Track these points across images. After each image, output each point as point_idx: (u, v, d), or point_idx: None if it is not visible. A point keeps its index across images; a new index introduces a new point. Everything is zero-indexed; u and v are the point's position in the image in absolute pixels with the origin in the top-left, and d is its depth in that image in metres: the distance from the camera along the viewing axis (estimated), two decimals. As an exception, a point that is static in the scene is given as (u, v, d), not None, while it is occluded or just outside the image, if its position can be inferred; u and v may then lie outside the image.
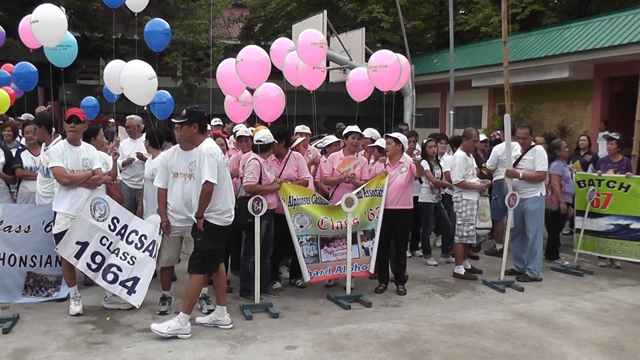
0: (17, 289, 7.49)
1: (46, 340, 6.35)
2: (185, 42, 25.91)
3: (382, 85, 8.87)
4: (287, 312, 7.38)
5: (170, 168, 6.94)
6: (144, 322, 6.90)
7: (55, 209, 7.07)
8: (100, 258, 7.04)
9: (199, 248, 6.55)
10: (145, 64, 8.14)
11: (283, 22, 26.46)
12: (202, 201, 6.37)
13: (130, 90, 8.02)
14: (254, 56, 8.65)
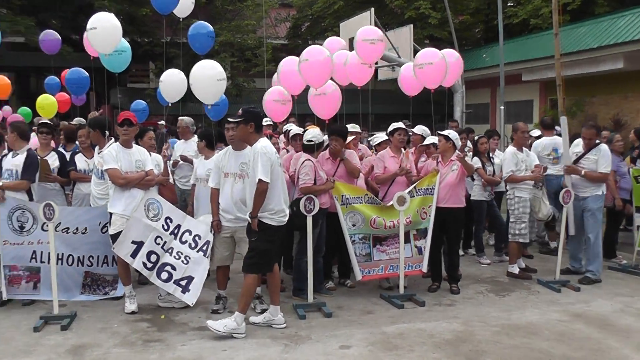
0: (76, 287, 7.68)
1: (103, 337, 6.47)
2: (233, 43, 26.05)
3: (428, 82, 8.79)
4: (341, 311, 7.36)
5: (222, 168, 7.02)
6: (198, 320, 6.97)
7: (111, 210, 7.20)
8: (155, 257, 7.16)
9: (254, 248, 6.57)
10: (216, 64, 8.23)
11: (330, 21, 26.40)
12: (256, 200, 6.38)
13: (198, 88, 8.11)
14: (317, 56, 8.61)
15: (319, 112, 8.94)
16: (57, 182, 8.33)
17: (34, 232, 7.44)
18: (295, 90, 9.21)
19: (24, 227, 7.41)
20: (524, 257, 9.60)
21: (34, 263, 7.50)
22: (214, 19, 27.60)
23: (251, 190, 6.48)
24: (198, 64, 8.40)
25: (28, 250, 7.46)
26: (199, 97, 8.25)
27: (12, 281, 7.47)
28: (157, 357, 5.96)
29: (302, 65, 8.59)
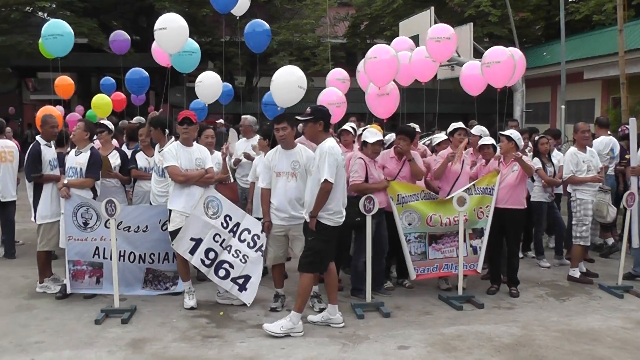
0: (137, 283, 7.85)
1: (162, 332, 6.59)
2: (291, 42, 26.17)
3: (495, 81, 8.68)
4: (399, 311, 7.33)
5: (272, 168, 7.05)
6: (256, 318, 7.03)
7: (171, 207, 7.31)
8: (214, 254, 7.26)
9: (310, 247, 6.58)
10: (297, 69, 8.30)
11: (389, 20, 26.33)
12: (319, 200, 6.38)
13: (278, 92, 8.18)
14: (384, 54, 8.58)
15: (376, 111, 8.90)
16: (117, 179, 8.51)
17: (98, 229, 7.59)
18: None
19: (87, 224, 7.57)
20: (585, 261, 9.37)
21: (97, 259, 7.66)
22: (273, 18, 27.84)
23: (312, 189, 6.50)
24: (281, 69, 8.47)
25: (91, 246, 7.62)
26: (277, 100, 8.32)
27: (76, 275, 7.64)
28: (215, 353, 6.03)
29: (368, 63, 8.57)
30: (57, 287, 7.91)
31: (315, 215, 6.44)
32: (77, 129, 7.85)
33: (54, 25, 9.43)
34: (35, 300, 7.71)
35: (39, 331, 6.65)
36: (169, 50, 8.78)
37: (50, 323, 6.89)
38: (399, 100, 8.94)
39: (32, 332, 6.62)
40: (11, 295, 7.99)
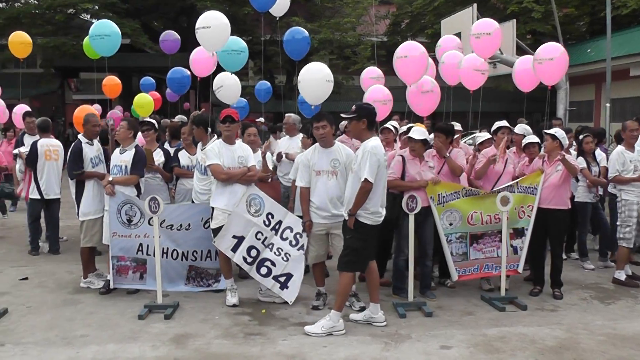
0: (180, 279, 7.92)
1: (205, 328, 6.65)
2: (332, 41, 26.18)
3: (547, 78, 8.56)
4: (441, 311, 7.28)
5: (312, 167, 7.05)
6: (298, 316, 7.05)
7: (213, 204, 7.36)
8: (256, 252, 7.30)
9: (348, 246, 6.57)
10: (323, 65, 8.28)
11: (430, 18, 26.19)
12: (358, 199, 6.35)
13: (306, 90, 8.18)
14: (413, 52, 8.55)
15: (417, 108, 8.86)
16: (160, 173, 8.59)
17: (141, 226, 7.68)
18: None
19: (131, 221, 7.66)
20: (631, 264, 9.18)
21: (140, 255, 7.75)
22: (314, 17, 27.87)
23: (352, 187, 6.47)
24: (306, 67, 8.46)
25: (135, 242, 7.72)
26: (307, 98, 8.32)
27: (120, 271, 7.75)
28: (258, 350, 6.05)
29: (398, 61, 8.54)
30: (101, 282, 8.03)
31: (354, 214, 6.42)
32: (121, 127, 7.96)
33: (101, 26, 9.61)
34: (80, 295, 7.86)
35: (83, 325, 6.77)
36: (212, 48, 8.83)
37: (95, 317, 7.01)
38: (439, 98, 8.87)
39: (77, 326, 6.74)
40: (56, 289, 8.14)
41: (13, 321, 6.96)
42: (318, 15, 28.15)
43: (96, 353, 6.00)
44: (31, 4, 28.57)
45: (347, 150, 7.06)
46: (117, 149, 8.03)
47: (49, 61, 28.35)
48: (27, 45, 12.66)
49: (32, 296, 7.89)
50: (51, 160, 10.00)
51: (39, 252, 10.21)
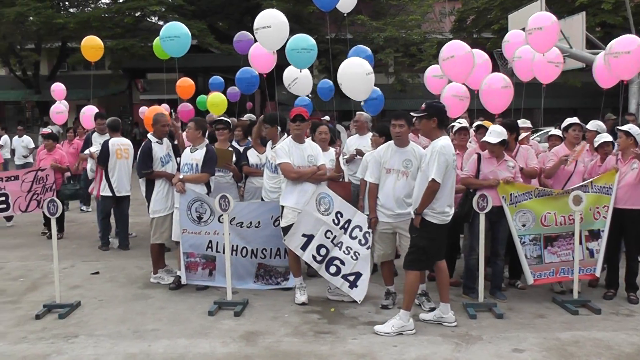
0: (249, 277, 7.98)
1: (274, 326, 6.66)
2: (397, 39, 26.06)
3: (623, 73, 8.29)
4: (512, 313, 7.12)
5: (383, 164, 7.00)
6: (367, 315, 7.00)
7: (283, 203, 7.38)
8: (325, 251, 7.29)
9: (414, 244, 6.52)
10: (363, 60, 8.22)
11: (496, 13, 25.76)
12: (425, 198, 6.30)
13: (348, 85, 8.13)
14: (459, 51, 8.43)
15: (489, 106, 8.71)
16: (233, 172, 8.65)
17: (211, 223, 7.73)
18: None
19: (202, 218, 7.73)
20: None
21: (210, 252, 7.82)
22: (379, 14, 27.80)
23: (420, 185, 6.43)
24: (344, 63, 8.42)
25: (205, 239, 7.78)
26: (350, 94, 8.27)
27: (190, 267, 7.83)
28: (327, 349, 6.03)
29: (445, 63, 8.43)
30: (171, 278, 8.15)
31: (420, 213, 6.37)
32: (189, 129, 8.04)
33: (172, 28, 9.77)
34: (150, 290, 8.00)
35: (154, 319, 6.88)
36: (272, 47, 8.85)
37: (165, 312, 7.12)
38: (512, 96, 8.71)
39: (148, 320, 6.86)
40: (127, 284, 8.31)
41: (86, 314, 7.13)
42: (383, 13, 28.06)
43: (167, 347, 6.08)
44: (101, 8, 29.34)
45: (421, 151, 6.97)
46: (188, 147, 8.12)
47: (118, 63, 29.03)
48: (98, 50, 12.91)
49: (103, 290, 8.08)
50: (122, 158, 10.20)
51: (109, 248, 10.46)
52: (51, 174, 11.18)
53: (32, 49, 30.38)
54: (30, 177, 11.16)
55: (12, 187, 11.10)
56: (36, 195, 11.12)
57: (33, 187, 11.10)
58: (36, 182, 11.13)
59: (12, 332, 6.60)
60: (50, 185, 11.17)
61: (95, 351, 6.02)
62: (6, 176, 11.30)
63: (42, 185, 11.14)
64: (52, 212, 7.13)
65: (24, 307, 7.41)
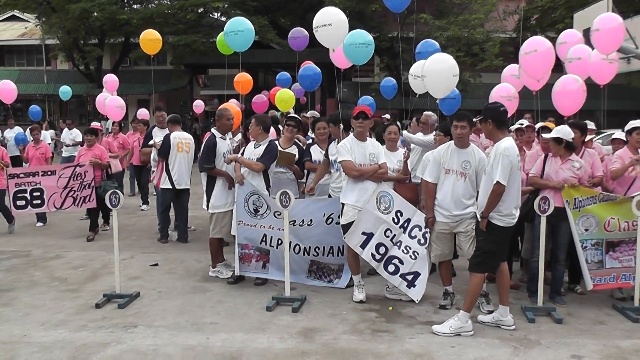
0: (302, 272, 7.98)
1: (332, 323, 6.67)
2: (460, 38, 25.81)
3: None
4: (571, 318, 6.98)
5: (442, 164, 6.96)
6: (425, 315, 6.97)
7: (343, 200, 7.36)
8: (384, 249, 7.26)
9: (480, 247, 6.47)
10: (452, 60, 8.18)
11: (561, 12, 25.22)
12: (490, 201, 6.26)
13: (431, 80, 8.09)
14: (541, 47, 8.27)
15: (561, 107, 8.54)
16: (295, 172, 8.68)
17: (267, 217, 7.77)
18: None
19: (258, 211, 7.78)
20: None
21: (264, 245, 7.86)
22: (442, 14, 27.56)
23: (485, 188, 6.38)
24: (432, 57, 8.34)
25: (259, 232, 7.83)
26: (431, 90, 8.19)
27: (244, 258, 7.89)
28: (385, 347, 6.01)
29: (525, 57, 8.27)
30: (229, 272, 8.22)
31: (486, 216, 6.32)
32: (251, 125, 8.12)
33: (236, 23, 9.86)
34: (208, 284, 8.09)
35: (213, 313, 6.96)
36: (332, 45, 8.83)
37: (223, 306, 7.19)
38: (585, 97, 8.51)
39: (206, 313, 6.94)
40: (186, 277, 8.43)
41: (145, 304, 7.27)
42: (446, 12, 27.80)
43: (225, 341, 6.14)
44: (164, 4, 29.74)
45: (481, 155, 6.92)
46: (252, 142, 8.18)
47: (179, 58, 29.40)
48: (156, 42, 13.05)
49: (162, 281, 8.23)
50: (182, 152, 10.31)
51: (167, 240, 10.60)
52: (90, 170, 10.97)
53: (95, 44, 30.99)
54: (67, 173, 10.94)
55: (48, 182, 10.88)
56: (73, 192, 10.91)
57: (70, 183, 10.89)
58: (74, 178, 10.91)
59: (73, 320, 6.77)
60: (89, 182, 10.94)
61: (154, 342, 6.13)
62: (43, 170, 11.04)
63: (79, 182, 10.91)
64: (114, 204, 7.25)
65: (84, 296, 7.59)
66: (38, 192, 10.87)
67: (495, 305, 6.86)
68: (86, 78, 31.86)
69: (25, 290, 7.90)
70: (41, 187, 10.86)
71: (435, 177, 7.02)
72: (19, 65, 36.40)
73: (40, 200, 10.90)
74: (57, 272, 8.72)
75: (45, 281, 8.29)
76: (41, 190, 10.87)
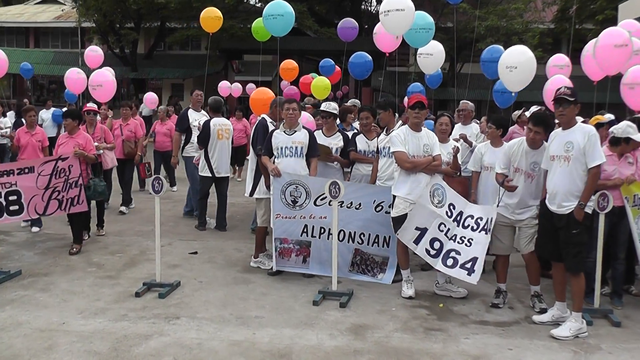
0: (344, 265, 7.69)
1: (382, 320, 6.43)
2: (499, 28, 25.40)
3: None
4: (629, 321, 6.64)
5: (512, 162, 6.76)
6: (477, 313, 6.72)
7: (395, 192, 7.13)
8: (439, 244, 7.00)
9: (578, 242, 6.16)
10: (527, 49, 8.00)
11: (602, 3, 24.75)
12: (591, 186, 6.09)
13: (519, 71, 7.96)
14: (616, 39, 7.87)
15: (631, 102, 8.17)
16: (338, 162, 8.45)
17: (307, 207, 7.56)
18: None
19: (296, 202, 7.56)
20: None
21: (305, 237, 7.65)
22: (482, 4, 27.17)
23: (572, 176, 6.13)
24: (510, 49, 8.14)
25: (299, 224, 7.62)
26: (509, 81, 7.97)
27: (283, 253, 7.69)
28: (440, 347, 5.78)
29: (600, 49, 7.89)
30: (271, 263, 7.98)
31: (585, 204, 6.09)
32: (294, 111, 7.82)
33: (276, 5, 9.54)
34: (250, 275, 7.88)
35: (257, 306, 6.74)
36: (399, 31, 8.58)
37: (268, 299, 6.98)
38: None
39: (250, 306, 6.73)
40: (226, 267, 8.23)
41: (187, 294, 7.07)
42: (486, 2, 27.38)
43: (273, 337, 5.93)
44: (203, -12, 29.62)
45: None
46: (278, 130, 7.92)
47: (215, 43, 29.27)
48: (217, 20, 12.56)
49: (202, 270, 8.02)
50: (222, 139, 10.11)
51: (205, 228, 10.39)
52: (75, 164, 8.71)
53: (131, 28, 31.00)
54: (48, 169, 8.56)
55: (25, 182, 8.45)
56: (57, 194, 8.61)
57: (52, 182, 8.56)
58: (56, 175, 8.59)
59: (113, 308, 6.60)
60: (76, 179, 8.70)
61: (198, 335, 5.94)
62: (18, 167, 8.55)
63: (64, 180, 8.63)
64: (156, 190, 7.05)
65: (123, 284, 7.41)
66: (14, 195, 8.44)
67: (548, 304, 6.63)
68: (120, 61, 31.89)
69: (62, 275, 7.75)
70: (18, 189, 8.44)
71: (505, 168, 6.83)
72: (54, 47, 36.59)
73: (18, 206, 8.48)
74: (94, 257, 8.55)
75: (82, 266, 8.12)
76: (18, 193, 8.45)
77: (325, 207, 7.45)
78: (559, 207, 6.18)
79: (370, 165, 8.21)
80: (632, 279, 7.70)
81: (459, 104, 9.59)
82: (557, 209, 6.19)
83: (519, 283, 7.45)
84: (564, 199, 6.14)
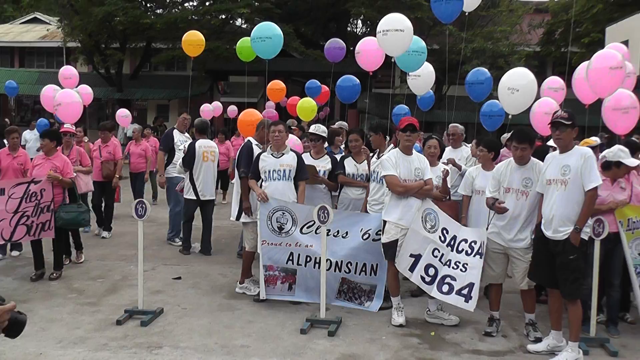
0: (331, 293, 7.48)
1: (372, 349, 6.24)
2: (485, 50, 25.44)
3: None
4: (626, 351, 6.46)
5: (502, 182, 6.61)
6: (470, 342, 6.54)
7: (386, 217, 6.97)
8: (433, 270, 6.84)
9: (575, 268, 6.02)
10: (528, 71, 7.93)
11: (587, 26, 24.88)
12: (587, 210, 5.96)
13: (519, 94, 8.30)
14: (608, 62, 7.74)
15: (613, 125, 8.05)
16: (324, 183, 8.27)
17: (293, 234, 7.38)
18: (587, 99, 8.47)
19: (282, 228, 7.38)
20: None
21: (290, 264, 7.46)
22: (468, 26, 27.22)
23: (568, 200, 6.01)
24: (510, 72, 8.10)
25: (285, 251, 7.44)
26: (508, 104, 7.92)
27: (268, 281, 7.47)
28: (434, 379, 5.57)
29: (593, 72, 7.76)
30: (257, 289, 7.78)
31: (581, 228, 5.95)
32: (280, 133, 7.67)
33: (264, 28, 9.41)
34: (236, 301, 7.67)
35: (243, 334, 6.53)
36: (396, 52, 8.45)
37: (254, 327, 6.76)
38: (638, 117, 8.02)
39: (236, 335, 6.52)
40: (211, 292, 8.01)
41: (170, 322, 6.84)
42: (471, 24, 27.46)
43: (259, 367, 5.70)
44: (188, 10, 29.61)
45: (540, 166, 6.52)
46: (266, 154, 7.76)
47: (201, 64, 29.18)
48: (197, 47, 12.30)
49: (186, 297, 7.80)
50: (208, 161, 9.94)
51: (190, 252, 10.17)
52: (48, 188, 8.31)
53: (116, 48, 30.85)
54: (19, 192, 8.09)
55: None
56: (26, 219, 8.12)
57: (22, 205, 8.09)
58: (27, 199, 8.11)
59: (93, 337, 6.36)
60: (47, 204, 8.28)
61: (182, 365, 5.70)
62: None
63: (34, 204, 8.17)
64: (139, 215, 6.86)
65: (104, 311, 7.17)
66: (-19, 219, 7.96)
67: (543, 332, 6.48)
68: (106, 82, 31.71)
69: (41, 301, 7.50)
70: None
71: (495, 191, 6.70)
72: (39, 67, 36.34)
73: None
74: (74, 282, 8.30)
75: (62, 292, 7.88)
76: None
77: (311, 236, 7.31)
78: (555, 232, 6.03)
79: (359, 189, 8.07)
80: (627, 306, 7.53)
81: (449, 128, 9.46)
82: (553, 235, 6.05)
83: (513, 310, 7.31)
84: (561, 224, 6.00)
